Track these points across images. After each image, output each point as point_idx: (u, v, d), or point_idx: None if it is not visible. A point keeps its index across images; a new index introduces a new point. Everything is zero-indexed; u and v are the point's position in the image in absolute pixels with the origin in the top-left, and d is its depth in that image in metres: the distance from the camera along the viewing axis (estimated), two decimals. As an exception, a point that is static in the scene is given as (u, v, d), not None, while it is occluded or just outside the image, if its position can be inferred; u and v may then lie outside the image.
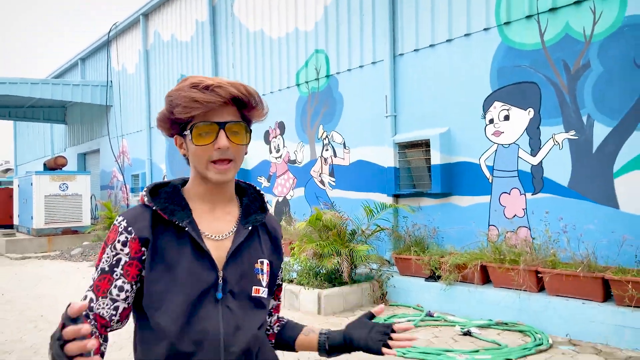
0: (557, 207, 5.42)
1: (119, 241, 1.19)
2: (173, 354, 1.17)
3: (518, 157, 5.82)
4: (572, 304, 4.78)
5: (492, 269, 5.50)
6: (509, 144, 5.90)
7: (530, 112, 5.70)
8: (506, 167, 5.94)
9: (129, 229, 1.19)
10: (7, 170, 35.96)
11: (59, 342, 0.94)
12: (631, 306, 4.38)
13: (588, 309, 4.66)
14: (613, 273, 4.59)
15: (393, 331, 1.29)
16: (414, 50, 6.99)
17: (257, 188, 1.40)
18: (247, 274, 1.27)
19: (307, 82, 8.79)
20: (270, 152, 9.64)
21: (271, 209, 9.39)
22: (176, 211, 1.22)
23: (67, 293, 7.64)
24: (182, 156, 1.28)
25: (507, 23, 5.91)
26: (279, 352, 1.43)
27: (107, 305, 1.17)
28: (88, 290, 1.19)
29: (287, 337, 1.42)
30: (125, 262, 1.18)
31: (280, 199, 9.39)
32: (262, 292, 1.29)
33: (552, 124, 5.50)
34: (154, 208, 1.21)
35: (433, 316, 5.60)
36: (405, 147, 7.00)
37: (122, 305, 1.19)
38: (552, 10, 5.49)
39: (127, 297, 1.19)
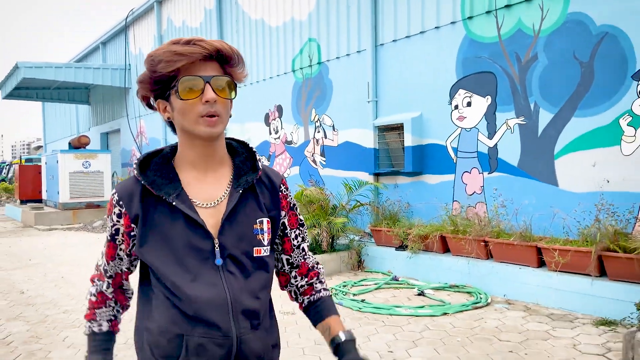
0: (508, 185, 6.08)
1: (114, 213, 1.27)
2: (187, 317, 1.21)
3: (478, 139, 6.46)
4: (510, 269, 5.48)
5: (449, 239, 6.21)
6: (471, 128, 6.54)
7: (488, 99, 6.31)
8: (468, 148, 6.59)
9: (120, 202, 1.25)
10: (38, 147, 37.75)
11: None
12: (557, 271, 5.05)
13: (523, 273, 5.36)
14: (545, 242, 5.26)
15: None
16: (393, 40, 7.60)
17: (250, 146, 1.38)
18: (246, 236, 1.27)
19: (301, 69, 9.47)
20: (270, 133, 10.41)
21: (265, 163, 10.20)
22: (164, 185, 1.23)
23: (86, 259, 8.66)
24: (166, 122, 1.28)
25: (470, 17, 6.48)
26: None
27: (116, 265, 1.32)
28: (101, 254, 1.34)
29: (312, 318, 1.43)
30: (123, 232, 1.27)
31: (279, 177, 10.18)
32: (264, 251, 1.29)
33: (506, 110, 6.12)
34: (142, 182, 1.24)
35: (398, 280, 6.36)
36: (384, 130, 7.67)
37: (123, 268, 1.34)
38: (508, 6, 6.05)
39: (123, 264, 1.33)
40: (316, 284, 1.44)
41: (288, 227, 1.39)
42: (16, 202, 19.10)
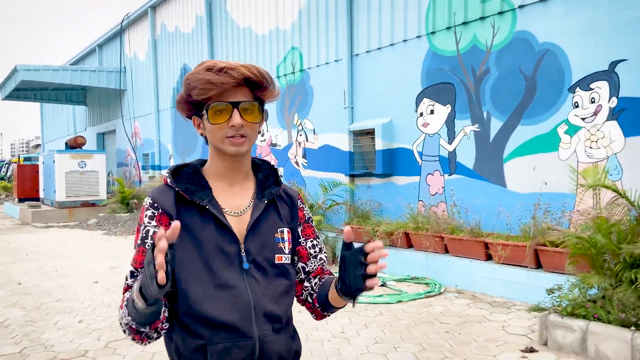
0: (465, 186, 6.66)
1: (146, 216, 1.30)
2: (208, 323, 1.26)
3: (439, 144, 7.03)
4: (462, 262, 6.06)
5: (411, 235, 6.79)
6: (433, 134, 7.12)
7: (448, 108, 6.89)
8: (431, 152, 7.17)
9: (155, 204, 1.31)
10: (37, 145, 38.27)
11: (151, 246, 1.05)
12: (500, 263, 5.63)
13: (473, 265, 5.94)
14: (491, 238, 5.85)
15: (367, 254, 1.19)
16: (367, 51, 8.17)
17: (271, 164, 1.49)
18: (268, 244, 1.35)
19: (285, 75, 10.04)
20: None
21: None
22: (197, 191, 1.31)
23: (79, 254, 9.22)
24: (201, 136, 1.37)
25: (433, 32, 7.06)
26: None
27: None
28: (130, 268, 1.30)
29: (322, 295, 1.41)
30: (154, 232, 1.28)
31: (264, 177, 10.75)
32: (285, 259, 1.37)
33: (463, 118, 6.70)
34: (176, 189, 1.31)
35: (365, 273, 6.93)
36: (358, 134, 8.24)
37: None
38: (465, 23, 6.63)
39: None
40: (326, 276, 1.48)
41: (304, 237, 1.47)
42: (14, 201, 19.62)
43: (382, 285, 6.29)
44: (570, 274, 4.50)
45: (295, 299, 1.47)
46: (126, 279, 1.29)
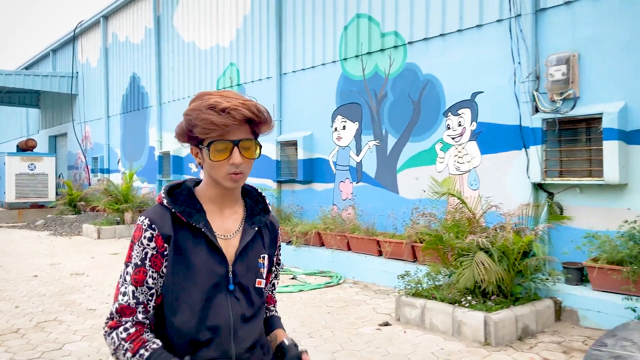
0: (368, 192, 7.71)
1: (145, 237, 1.35)
2: (190, 338, 1.35)
3: (349, 156, 8.08)
4: (360, 257, 7.09)
5: (322, 234, 7.79)
6: (345, 147, 8.16)
7: (357, 124, 7.95)
8: (343, 162, 8.20)
9: (153, 226, 1.35)
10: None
11: None
12: (388, 258, 6.69)
13: (367, 260, 6.98)
14: (382, 237, 6.90)
15: None
16: (293, 71, 9.17)
17: (259, 190, 1.56)
18: (252, 268, 1.45)
19: (224, 89, 10.93)
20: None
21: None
22: (193, 214, 1.38)
23: (24, 252, 9.81)
24: (197, 164, 1.42)
25: (345, 59, 8.12)
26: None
27: (145, 292, 1.34)
28: (126, 285, 1.34)
29: (266, 329, 1.60)
30: (152, 254, 1.35)
31: (204, 182, 11.60)
32: (262, 283, 1.48)
33: (368, 134, 7.76)
34: (172, 210, 1.37)
35: (282, 268, 7.90)
36: (285, 144, 9.20)
37: (155, 292, 1.37)
38: (369, 53, 7.71)
39: (156, 284, 1.36)
40: (271, 307, 1.66)
41: (275, 264, 1.60)
42: (-38, 201, 19.65)
43: (292, 279, 7.25)
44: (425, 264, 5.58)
45: None
46: (124, 295, 1.35)
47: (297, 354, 1.47)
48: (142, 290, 1.34)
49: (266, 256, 1.50)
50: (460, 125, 6.49)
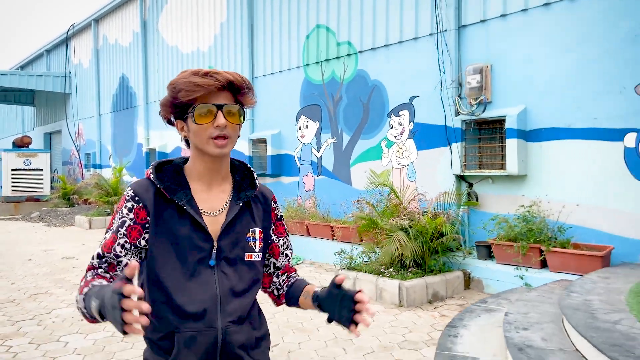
0: (327, 184, 8.65)
1: (125, 207, 1.36)
2: (176, 312, 1.35)
3: (311, 152, 9.01)
4: (317, 241, 8.04)
5: (287, 222, 8.73)
6: (307, 143, 9.09)
7: (317, 124, 8.88)
8: (306, 158, 9.14)
9: (136, 198, 1.36)
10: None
11: (118, 295, 1.03)
12: (339, 241, 7.63)
13: (322, 243, 7.93)
14: (335, 223, 7.85)
15: (355, 302, 1.37)
16: (263, 75, 10.09)
17: (248, 165, 1.55)
18: (240, 243, 1.44)
19: (204, 90, 11.83)
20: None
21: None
22: (177, 191, 1.38)
23: (19, 240, 10.72)
24: (183, 139, 1.44)
25: (307, 65, 9.04)
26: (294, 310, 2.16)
27: (112, 259, 1.35)
28: (99, 250, 1.36)
29: (292, 296, 1.59)
30: (129, 225, 1.35)
31: (187, 176, 12.54)
32: (255, 256, 1.47)
33: (326, 132, 8.69)
34: (157, 186, 1.38)
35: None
36: (256, 142, 10.13)
37: (124, 261, 1.35)
38: (327, 60, 8.64)
39: (126, 254, 1.35)
40: (292, 275, 1.64)
41: (276, 235, 1.57)
42: (-39, 196, 20.52)
43: (258, 260, 8.19)
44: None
45: (261, 289, 1.59)
46: (92, 258, 1.35)
47: (349, 292, 1.39)
48: (109, 256, 1.34)
49: (257, 230, 1.49)
50: (400, 125, 7.43)
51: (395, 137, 7.53)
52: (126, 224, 1.36)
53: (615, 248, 5.17)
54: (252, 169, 1.54)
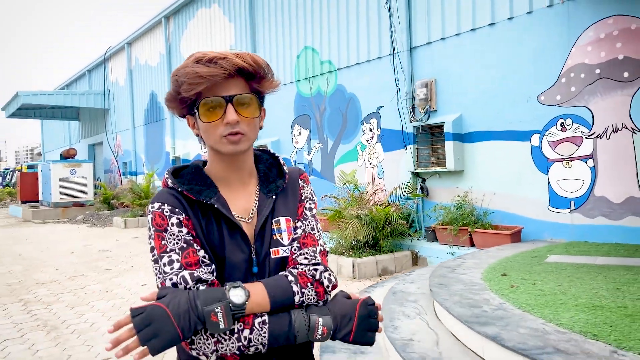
0: (316, 184, 10.01)
1: (172, 224, 1.13)
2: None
3: (304, 156, 10.40)
4: (306, 233, 9.39)
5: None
6: (301, 149, 10.49)
7: (307, 131, 10.26)
8: (300, 161, 10.53)
9: (176, 210, 1.15)
10: (40, 153, 42.01)
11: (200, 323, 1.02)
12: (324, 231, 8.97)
13: (310, 234, 9.27)
14: (318, 215, 9.18)
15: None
16: (265, 89, 11.55)
17: (272, 152, 1.34)
18: (267, 239, 1.21)
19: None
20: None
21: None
22: (203, 190, 1.18)
23: (64, 240, 12.60)
24: (196, 137, 1.23)
25: (298, 80, 10.44)
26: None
27: (207, 271, 1.13)
28: (169, 275, 1.10)
29: None
30: (193, 238, 1.15)
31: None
32: (282, 251, 1.22)
33: (315, 138, 10.06)
34: (179, 190, 1.17)
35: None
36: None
37: (213, 266, 1.15)
38: (314, 76, 10.01)
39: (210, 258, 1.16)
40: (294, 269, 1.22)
41: (303, 217, 1.28)
42: (18, 203, 23.01)
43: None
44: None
45: None
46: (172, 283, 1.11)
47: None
48: (203, 270, 1.12)
49: (283, 219, 1.24)
50: (371, 130, 8.72)
51: (367, 141, 8.82)
52: (190, 240, 1.14)
53: (525, 227, 6.31)
54: (276, 154, 1.35)
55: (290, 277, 1.17)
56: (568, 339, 2.63)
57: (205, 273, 1.12)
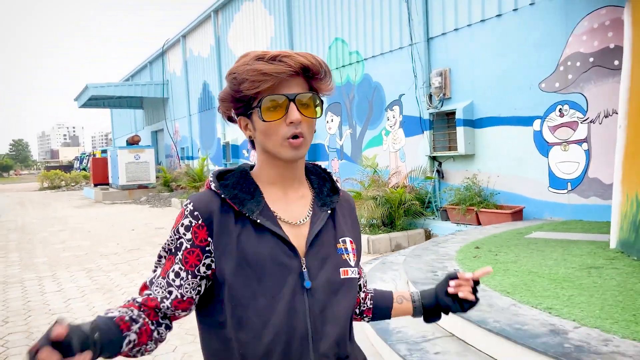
0: (347, 167, 10.70)
1: (182, 224, 1.08)
2: (262, 353, 1.04)
3: (336, 141, 11.10)
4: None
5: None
6: (333, 134, 11.19)
7: (339, 118, 10.93)
8: (333, 146, 11.24)
9: (195, 213, 1.07)
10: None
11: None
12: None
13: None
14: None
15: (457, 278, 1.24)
16: (302, 79, 12.31)
17: (324, 167, 1.29)
18: (331, 257, 1.13)
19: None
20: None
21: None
22: (246, 200, 1.10)
23: (129, 218, 14.10)
24: (248, 139, 1.17)
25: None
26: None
27: (162, 286, 1.07)
28: (156, 265, 1.11)
29: (384, 307, 1.33)
30: (186, 248, 1.07)
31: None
32: (351, 272, 1.15)
33: (345, 125, 10.73)
34: (222, 196, 1.10)
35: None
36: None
37: (175, 293, 1.06)
38: (344, 66, 10.63)
39: (181, 285, 1.06)
40: (369, 288, 1.36)
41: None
42: (91, 186, 25.32)
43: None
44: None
45: None
46: (152, 272, 1.11)
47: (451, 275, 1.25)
48: (160, 283, 1.07)
49: (348, 239, 1.17)
50: (394, 117, 9.28)
51: (390, 127, 9.39)
52: (182, 247, 1.06)
53: (527, 207, 6.73)
54: (328, 170, 1.28)
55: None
56: (490, 296, 3.25)
57: (156, 287, 1.07)
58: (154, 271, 1.10)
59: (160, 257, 1.10)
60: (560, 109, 6.32)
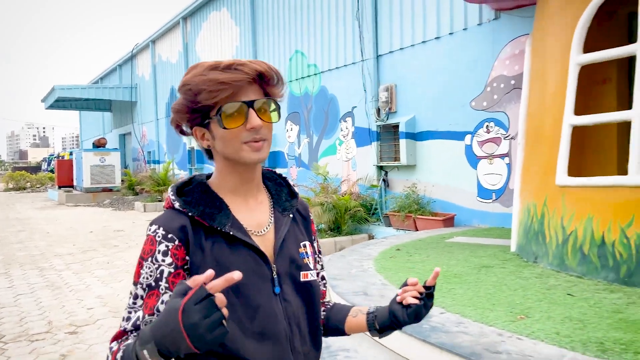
0: (304, 174, 11.14)
1: (159, 252, 1.06)
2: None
3: (295, 149, 11.54)
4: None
5: (274, 204, 11.37)
6: (292, 143, 11.63)
7: (298, 127, 11.39)
8: (291, 154, 11.68)
9: (169, 236, 1.06)
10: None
11: (208, 296, 0.84)
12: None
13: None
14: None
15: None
16: (264, 88, 12.74)
17: (279, 172, 1.30)
18: (295, 261, 1.17)
19: (227, 100, 14.73)
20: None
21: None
22: (215, 214, 1.10)
23: (88, 220, 14.20)
24: (205, 149, 1.17)
25: (290, 81, 11.56)
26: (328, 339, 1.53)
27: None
28: (134, 309, 1.05)
29: (336, 321, 1.31)
30: (170, 272, 1.05)
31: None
32: (311, 275, 1.19)
33: (303, 134, 11.19)
34: (189, 214, 1.09)
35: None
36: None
37: None
38: (302, 78, 11.11)
39: None
40: (327, 300, 1.37)
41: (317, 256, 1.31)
42: (55, 188, 25.10)
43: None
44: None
45: None
46: (124, 320, 1.05)
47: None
48: (149, 320, 1.03)
49: (307, 243, 1.22)
50: (347, 128, 9.78)
51: (344, 137, 9.89)
52: (165, 274, 1.04)
53: (458, 215, 7.29)
54: (284, 175, 1.29)
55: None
56: (388, 289, 3.71)
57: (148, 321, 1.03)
58: (129, 314, 1.04)
59: (136, 297, 1.05)
60: (487, 125, 6.90)
